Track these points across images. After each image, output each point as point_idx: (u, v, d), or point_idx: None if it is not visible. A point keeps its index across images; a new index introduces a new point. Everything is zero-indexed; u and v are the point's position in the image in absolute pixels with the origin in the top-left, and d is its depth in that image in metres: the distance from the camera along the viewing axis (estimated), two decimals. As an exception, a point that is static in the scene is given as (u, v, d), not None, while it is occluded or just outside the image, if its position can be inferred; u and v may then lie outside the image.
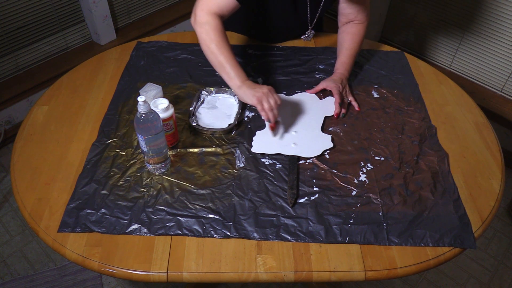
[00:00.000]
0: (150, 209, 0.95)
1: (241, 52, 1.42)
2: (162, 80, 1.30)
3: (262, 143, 1.10)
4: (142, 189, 1.00)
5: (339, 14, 1.37)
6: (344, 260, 0.88)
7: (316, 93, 1.26)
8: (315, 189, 1.00)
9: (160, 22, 2.61)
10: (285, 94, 1.26)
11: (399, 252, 0.90)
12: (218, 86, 1.26)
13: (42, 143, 1.11)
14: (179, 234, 0.91)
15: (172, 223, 0.93)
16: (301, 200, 0.98)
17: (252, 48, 1.44)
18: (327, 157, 1.08)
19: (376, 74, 1.37)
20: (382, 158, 1.08)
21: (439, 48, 2.40)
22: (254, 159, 1.07)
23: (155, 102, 1.02)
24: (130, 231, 0.91)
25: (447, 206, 0.98)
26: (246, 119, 1.18)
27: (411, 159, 1.08)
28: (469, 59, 2.28)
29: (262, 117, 1.09)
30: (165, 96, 1.21)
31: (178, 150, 1.09)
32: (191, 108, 1.18)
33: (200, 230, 0.92)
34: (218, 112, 1.20)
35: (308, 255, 0.89)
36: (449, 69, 2.40)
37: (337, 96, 1.20)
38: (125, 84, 1.29)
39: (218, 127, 1.14)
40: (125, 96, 1.24)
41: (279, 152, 1.08)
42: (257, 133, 1.13)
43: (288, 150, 1.08)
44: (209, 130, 1.13)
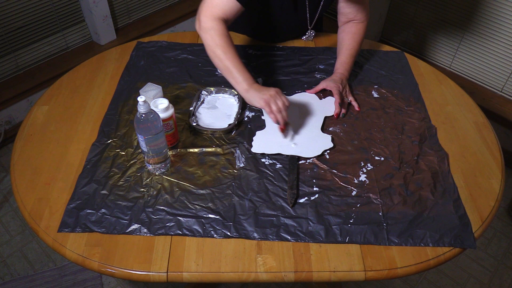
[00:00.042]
0: (150, 209, 0.95)
1: (241, 52, 1.42)
2: (162, 80, 1.30)
3: (262, 143, 1.10)
4: (142, 189, 1.00)
5: (339, 14, 1.37)
6: (344, 260, 0.88)
7: (316, 93, 1.26)
8: (315, 189, 1.00)
9: (160, 22, 2.61)
10: (285, 94, 1.26)
11: (399, 252, 0.90)
12: (218, 86, 1.26)
13: (42, 143, 1.11)
14: (179, 234, 0.91)
15: (172, 223, 0.93)
16: (301, 200, 0.98)
17: (252, 48, 1.44)
18: (327, 157, 1.08)
19: (376, 74, 1.37)
20: (382, 158, 1.08)
21: (439, 48, 2.40)
22: (254, 159, 1.07)
23: (155, 102, 1.02)
24: (130, 231, 0.91)
25: (447, 206, 0.98)
26: (246, 119, 1.18)
27: (411, 159, 1.08)
28: (469, 59, 2.28)
29: (262, 118, 1.09)
30: (165, 96, 1.21)
31: (178, 150, 1.09)
32: (191, 108, 1.18)
33: (200, 230, 0.92)
34: (218, 112, 1.20)
35: (308, 255, 0.89)
36: (449, 69, 2.40)
37: (337, 96, 1.20)
38: (125, 84, 1.29)
39: (218, 127, 1.14)
40: (125, 96, 1.24)
41: (279, 152, 1.08)
42: (257, 133, 1.13)
43: (288, 150, 1.08)
44: (209, 130, 1.13)
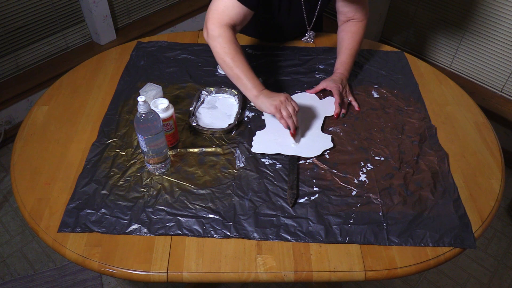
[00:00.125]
0: (150, 209, 0.95)
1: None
2: (162, 80, 1.30)
3: (262, 143, 1.10)
4: (142, 189, 1.00)
5: (338, 13, 1.37)
6: (344, 260, 0.88)
7: (316, 93, 1.26)
8: (315, 189, 1.00)
9: (160, 22, 2.61)
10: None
11: (399, 252, 0.90)
12: (218, 86, 1.26)
13: (42, 143, 1.11)
14: (179, 234, 0.91)
15: (172, 223, 0.93)
16: (301, 200, 0.98)
17: (252, 48, 1.44)
18: (327, 157, 1.08)
19: (376, 74, 1.37)
20: (382, 158, 1.08)
21: (439, 48, 2.40)
22: (254, 159, 1.07)
23: (155, 102, 1.02)
24: (130, 231, 0.91)
25: (447, 206, 0.98)
26: (246, 119, 1.18)
27: (411, 159, 1.08)
28: (469, 59, 2.28)
29: (262, 118, 1.08)
30: (165, 96, 1.21)
31: (178, 150, 1.09)
32: (191, 108, 1.18)
33: (200, 230, 0.92)
34: (218, 112, 1.20)
35: (308, 255, 0.89)
36: (449, 69, 2.40)
37: (337, 96, 1.19)
38: (125, 84, 1.29)
39: (218, 127, 1.14)
40: (125, 96, 1.24)
41: (279, 152, 1.08)
42: (257, 133, 1.13)
43: (288, 150, 1.08)
44: (209, 130, 1.13)
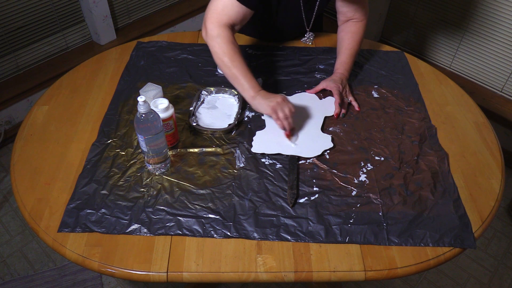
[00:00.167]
0: (150, 209, 0.95)
1: (241, 52, 1.42)
2: (162, 80, 1.30)
3: (262, 143, 1.10)
4: (142, 189, 1.00)
5: (338, 13, 1.37)
6: (344, 260, 0.88)
7: (316, 93, 1.26)
8: (315, 189, 1.00)
9: (160, 22, 2.61)
10: (285, 94, 1.26)
11: (399, 252, 0.90)
12: (218, 86, 1.26)
13: (42, 143, 1.11)
14: (179, 234, 0.91)
15: (172, 223, 0.93)
16: (301, 200, 0.98)
17: (252, 48, 1.44)
18: (327, 157, 1.08)
19: (376, 74, 1.37)
20: (382, 158, 1.08)
21: (439, 48, 2.40)
22: (254, 159, 1.07)
23: (155, 102, 1.02)
24: (130, 231, 0.91)
25: (447, 206, 0.98)
26: (246, 119, 1.18)
27: (411, 159, 1.08)
28: (469, 59, 2.28)
29: (262, 118, 1.09)
30: (165, 96, 1.21)
31: (178, 150, 1.09)
32: (191, 108, 1.18)
33: (200, 230, 0.92)
34: (218, 112, 1.20)
35: (308, 255, 0.89)
36: (449, 69, 2.40)
37: (337, 96, 1.19)
38: (125, 84, 1.29)
39: (218, 127, 1.14)
40: (125, 96, 1.24)
41: (279, 152, 1.08)
42: (257, 133, 1.13)
43: (288, 150, 1.08)
44: (209, 130, 1.13)
